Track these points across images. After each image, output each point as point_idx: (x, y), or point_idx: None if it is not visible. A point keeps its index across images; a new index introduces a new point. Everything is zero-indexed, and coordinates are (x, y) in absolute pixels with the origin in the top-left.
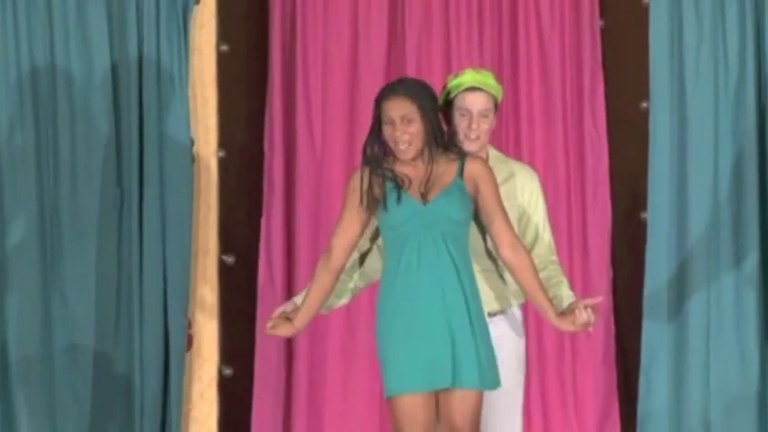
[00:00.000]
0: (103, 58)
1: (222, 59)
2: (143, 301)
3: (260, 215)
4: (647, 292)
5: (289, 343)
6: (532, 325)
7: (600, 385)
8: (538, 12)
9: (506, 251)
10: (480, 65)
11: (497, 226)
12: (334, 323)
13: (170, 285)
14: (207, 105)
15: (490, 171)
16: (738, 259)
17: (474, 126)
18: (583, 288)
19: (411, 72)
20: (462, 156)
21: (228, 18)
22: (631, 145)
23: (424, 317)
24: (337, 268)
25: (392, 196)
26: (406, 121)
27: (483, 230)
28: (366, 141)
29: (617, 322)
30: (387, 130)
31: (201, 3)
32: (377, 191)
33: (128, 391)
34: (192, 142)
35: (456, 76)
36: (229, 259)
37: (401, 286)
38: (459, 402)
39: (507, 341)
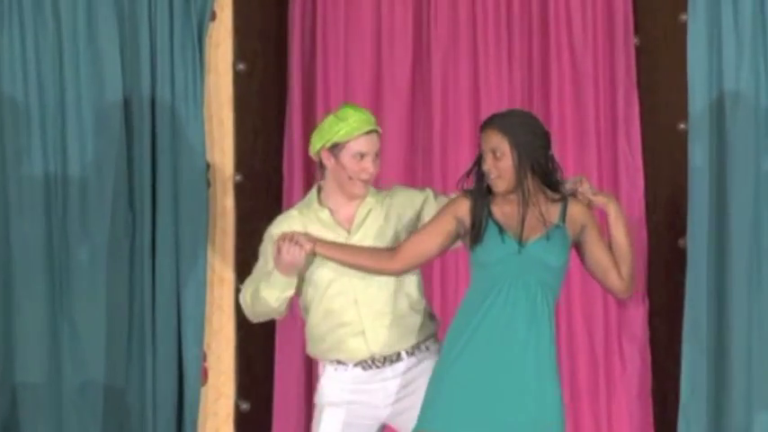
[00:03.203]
0: (115, 77)
1: (239, 79)
2: (156, 332)
3: None
4: (686, 323)
5: (309, 377)
6: (564, 357)
7: (635, 422)
8: (569, 29)
9: (623, 285)
10: (509, 84)
11: (608, 265)
12: None
13: (184, 316)
14: (223, 127)
15: (592, 215)
16: None
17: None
18: (618, 318)
19: (436, 93)
20: (565, 198)
21: (245, 35)
22: (669, 169)
23: (507, 367)
24: (394, 269)
25: (491, 233)
26: (497, 154)
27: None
28: (470, 170)
29: (654, 355)
30: (482, 163)
31: (217, 20)
32: (472, 222)
33: (140, 427)
34: (208, 166)
35: (338, 117)
36: None
37: (484, 323)
38: None
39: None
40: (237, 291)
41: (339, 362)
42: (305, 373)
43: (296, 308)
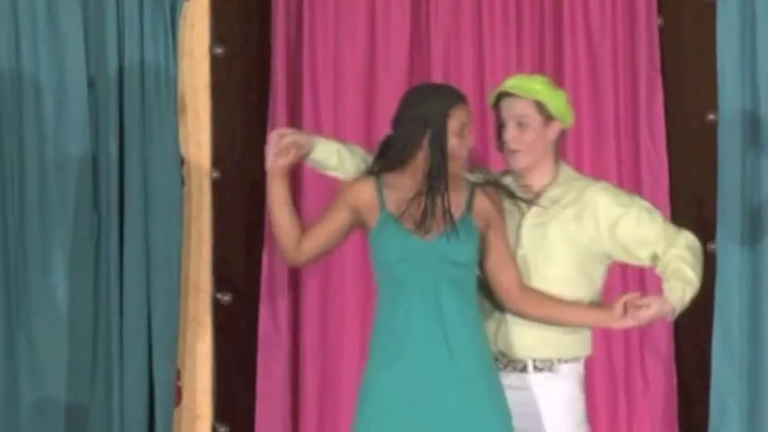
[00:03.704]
0: (77, 63)
1: (217, 64)
2: (123, 346)
3: (261, 246)
4: (716, 335)
5: (295, 397)
6: None
7: None
8: (586, 9)
9: (518, 293)
10: (518, 71)
11: (506, 264)
12: (345, 380)
13: (155, 329)
14: (199, 118)
15: (501, 208)
16: None
17: (509, 136)
18: (640, 331)
19: (437, 80)
20: (472, 185)
21: (224, 16)
22: (696, 164)
23: (427, 387)
24: (295, 259)
25: (386, 224)
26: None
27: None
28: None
29: (680, 371)
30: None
31: None
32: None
33: None
34: (182, 161)
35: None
36: (225, 298)
37: (391, 338)
38: None
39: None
40: (215, 301)
41: None
42: (290, 393)
43: (281, 321)
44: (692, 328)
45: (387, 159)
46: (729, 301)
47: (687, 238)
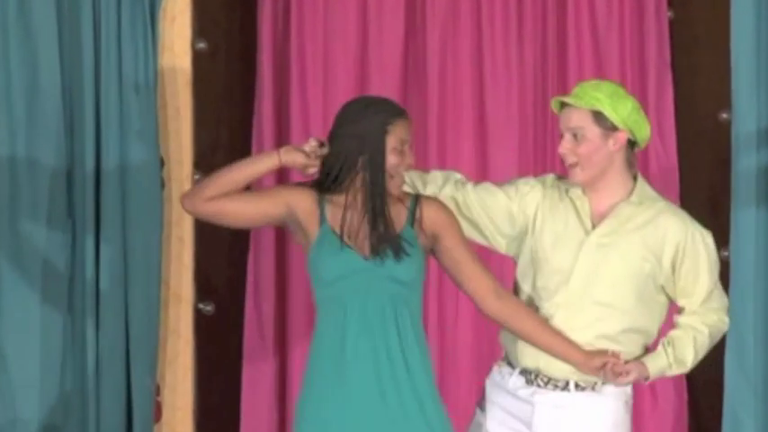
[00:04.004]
0: (51, 59)
1: (199, 59)
2: (100, 361)
3: (246, 254)
4: (729, 349)
5: (282, 415)
6: None
7: None
8: (591, 1)
9: (492, 301)
10: (519, 66)
11: (473, 275)
12: None
13: (133, 341)
14: (180, 117)
15: (451, 213)
16: None
17: (562, 149)
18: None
19: (433, 76)
20: (416, 197)
21: (206, 8)
22: (708, 165)
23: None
24: (188, 206)
25: (326, 240)
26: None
27: None
28: None
29: (690, 387)
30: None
31: None
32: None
33: None
34: (162, 163)
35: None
36: (208, 308)
37: (327, 361)
38: None
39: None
40: (197, 311)
41: (509, 363)
42: (277, 409)
43: (267, 332)
44: None
45: (323, 180)
46: (744, 312)
47: (720, 320)
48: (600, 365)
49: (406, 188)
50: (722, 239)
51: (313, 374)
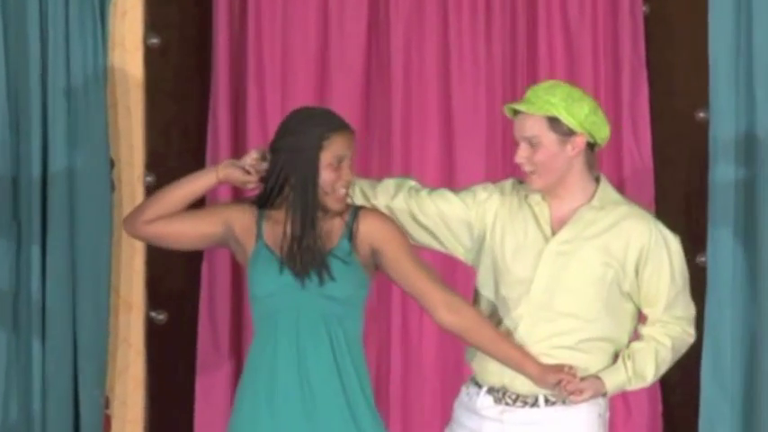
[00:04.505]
0: None
1: (151, 56)
2: (46, 371)
3: (200, 259)
4: (705, 357)
5: None
6: None
7: None
8: None
9: (444, 314)
10: (487, 63)
11: (422, 288)
12: None
13: (81, 351)
14: (131, 116)
15: (392, 225)
16: None
17: (518, 158)
18: None
19: (397, 72)
20: (355, 209)
21: (159, 2)
22: (685, 167)
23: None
24: (132, 230)
25: (260, 256)
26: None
27: None
28: None
29: (665, 396)
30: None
31: None
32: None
33: None
34: (112, 164)
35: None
36: (160, 317)
37: (261, 388)
38: None
39: None
40: (148, 320)
41: (476, 383)
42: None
43: (222, 342)
44: None
45: (262, 195)
46: (721, 320)
47: (684, 332)
48: (554, 382)
49: (362, 200)
50: (699, 245)
51: (243, 393)
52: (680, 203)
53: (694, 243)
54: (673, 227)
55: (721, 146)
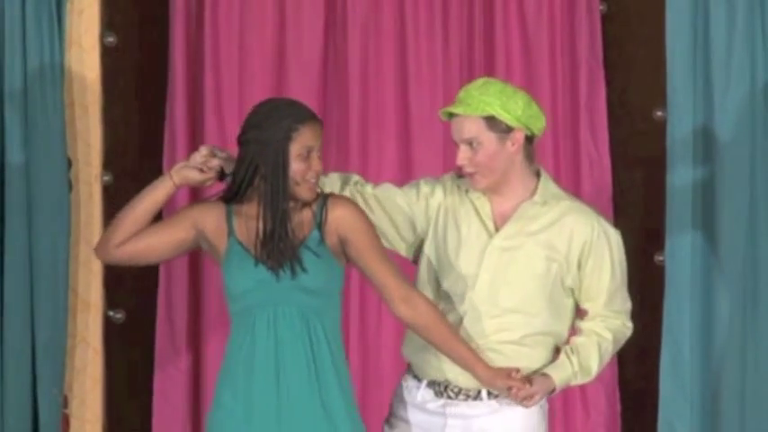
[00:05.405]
0: None
1: (108, 54)
2: (4, 371)
3: None
4: (664, 357)
5: (196, 427)
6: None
7: None
8: None
9: (401, 308)
10: (444, 61)
11: (383, 281)
12: None
13: (40, 350)
14: (88, 115)
15: (360, 214)
16: None
17: (459, 161)
18: None
19: (354, 70)
20: (324, 197)
21: (116, 1)
22: (643, 166)
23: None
24: (104, 255)
25: (233, 253)
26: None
27: None
28: None
29: (623, 396)
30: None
31: None
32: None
33: None
34: (69, 164)
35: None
36: (118, 315)
37: (240, 382)
38: None
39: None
40: (106, 319)
41: (415, 376)
42: (191, 421)
43: (179, 341)
44: (638, 348)
45: (230, 190)
46: (679, 319)
47: (623, 324)
48: (504, 388)
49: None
50: (657, 244)
51: (222, 390)
52: (638, 202)
53: (652, 242)
54: (631, 226)
55: (679, 144)
